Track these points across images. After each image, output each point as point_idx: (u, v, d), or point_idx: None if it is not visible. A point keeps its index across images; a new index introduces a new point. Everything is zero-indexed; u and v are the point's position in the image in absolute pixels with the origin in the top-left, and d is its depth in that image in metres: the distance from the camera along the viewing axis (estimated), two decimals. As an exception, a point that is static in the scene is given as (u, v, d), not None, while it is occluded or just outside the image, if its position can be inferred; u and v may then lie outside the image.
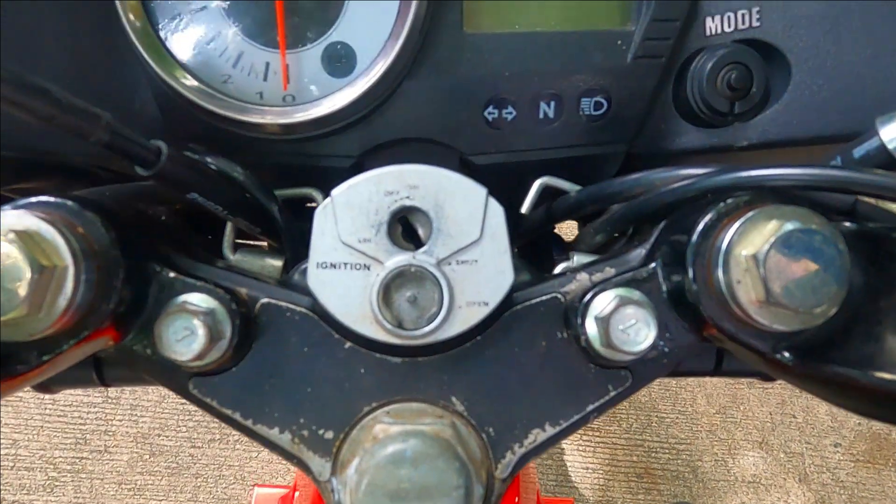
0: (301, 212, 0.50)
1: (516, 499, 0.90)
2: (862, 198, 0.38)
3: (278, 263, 0.49)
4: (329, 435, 0.40)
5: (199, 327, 0.36)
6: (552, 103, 0.49)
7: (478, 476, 0.37)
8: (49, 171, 0.52)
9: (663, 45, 0.48)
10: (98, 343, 0.36)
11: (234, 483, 1.88)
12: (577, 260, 0.48)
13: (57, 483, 1.84)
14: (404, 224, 0.39)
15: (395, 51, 0.46)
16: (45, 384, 0.55)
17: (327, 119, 0.47)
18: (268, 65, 0.47)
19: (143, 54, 0.45)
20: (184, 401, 0.40)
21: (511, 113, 0.49)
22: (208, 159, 0.45)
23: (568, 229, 0.62)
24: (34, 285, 0.30)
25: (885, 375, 0.32)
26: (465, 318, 0.38)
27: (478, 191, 0.38)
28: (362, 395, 0.40)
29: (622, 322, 0.37)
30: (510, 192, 0.54)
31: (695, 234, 0.36)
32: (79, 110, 0.32)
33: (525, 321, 0.40)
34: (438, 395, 0.40)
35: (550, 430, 0.40)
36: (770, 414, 2.04)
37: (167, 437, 1.90)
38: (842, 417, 2.05)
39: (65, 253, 0.32)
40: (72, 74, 0.48)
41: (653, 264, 0.39)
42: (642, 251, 0.41)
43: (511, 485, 0.49)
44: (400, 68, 0.46)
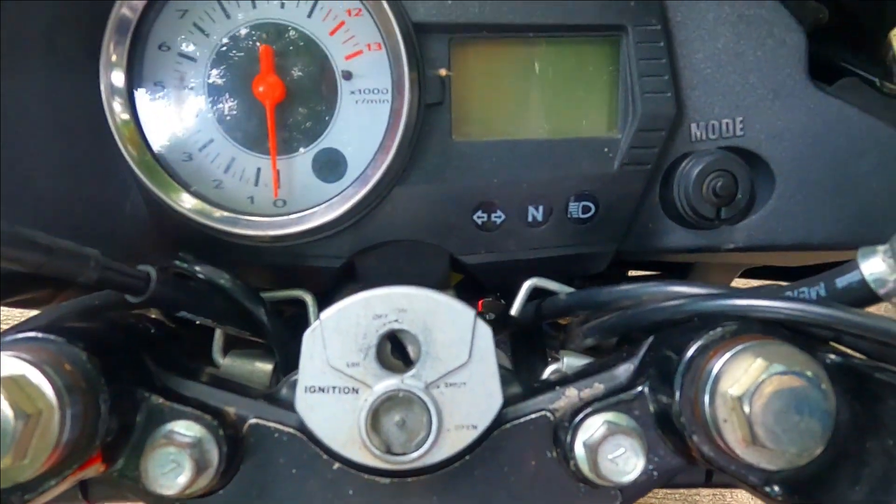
0: (293, 304, 0.51)
1: None
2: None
3: (268, 367, 0.49)
4: None
5: (185, 460, 0.35)
6: (540, 207, 0.49)
7: None
8: (41, 283, 0.52)
9: (649, 152, 0.48)
10: (86, 473, 0.36)
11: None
12: (567, 363, 0.48)
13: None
14: (393, 341, 0.39)
15: (387, 160, 0.46)
16: None
17: (319, 228, 0.47)
18: (259, 170, 0.48)
19: (138, 174, 0.46)
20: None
21: (500, 216, 0.49)
22: (196, 268, 0.45)
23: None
24: (18, 434, 0.30)
25: None
26: (454, 442, 0.38)
27: (466, 313, 0.38)
28: None
29: (611, 451, 0.37)
30: (501, 288, 0.54)
31: (682, 363, 0.36)
32: (68, 255, 0.32)
33: (514, 440, 0.40)
34: None
35: (541, 551, 0.40)
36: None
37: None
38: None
39: (50, 395, 0.32)
40: (64, 181, 0.48)
41: (640, 387, 0.39)
42: (631, 367, 0.41)
43: None
44: (392, 176, 0.47)
